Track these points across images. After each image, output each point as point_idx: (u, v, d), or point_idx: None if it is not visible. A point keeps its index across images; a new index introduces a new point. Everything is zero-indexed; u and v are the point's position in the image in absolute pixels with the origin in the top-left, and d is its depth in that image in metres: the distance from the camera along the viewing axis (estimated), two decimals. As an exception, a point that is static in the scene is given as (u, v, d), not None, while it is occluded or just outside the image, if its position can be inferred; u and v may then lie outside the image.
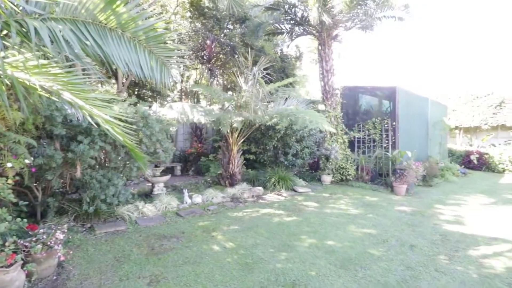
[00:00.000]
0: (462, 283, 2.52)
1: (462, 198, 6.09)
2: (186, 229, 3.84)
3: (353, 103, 8.84)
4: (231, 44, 10.48)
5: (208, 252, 3.11)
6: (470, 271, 2.75)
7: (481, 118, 11.97)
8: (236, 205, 5.19)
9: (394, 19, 8.96)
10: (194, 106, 5.97)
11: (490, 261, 3.00)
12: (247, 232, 3.73)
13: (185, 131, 10.33)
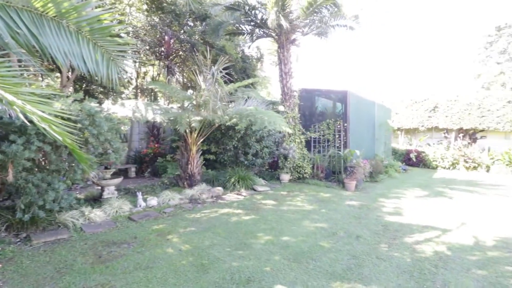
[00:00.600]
0: (397, 267, 2.84)
1: (402, 192, 6.82)
2: (139, 234, 3.65)
3: (310, 105, 9.30)
4: (191, 42, 10.22)
5: (162, 256, 3.00)
6: (405, 256, 3.10)
7: (419, 120, 13.53)
8: (194, 207, 5.09)
9: (346, 28, 9.64)
10: (149, 104, 5.69)
11: (421, 247, 3.41)
12: (204, 233, 3.69)
13: (141, 130, 9.79)
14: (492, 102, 11.75)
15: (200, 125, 6.12)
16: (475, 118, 12.06)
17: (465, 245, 3.46)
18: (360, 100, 9.22)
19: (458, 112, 12.45)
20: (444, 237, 3.74)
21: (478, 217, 4.72)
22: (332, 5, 7.96)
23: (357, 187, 6.86)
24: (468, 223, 4.37)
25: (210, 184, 6.46)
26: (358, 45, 76.50)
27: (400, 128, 14.25)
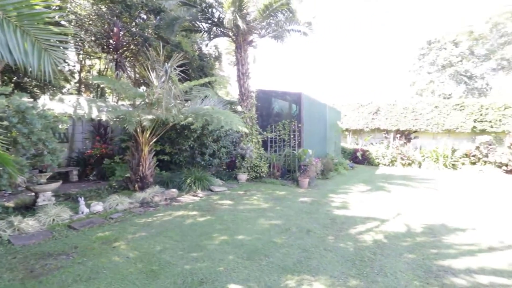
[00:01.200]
0: (342, 256, 3.08)
1: (349, 188, 7.42)
2: (80, 243, 3.33)
3: (267, 106, 9.52)
4: (143, 36, 9.64)
5: (107, 265, 2.79)
6: (349, 246, 3.38)
7: (364, 122, 14.87)
8: (146, 210, 4.82)
9: (300, 33, 10.10)
10: (93, 101, 5.20)
11: (363, 236, 3.76)
12: (155, 238, 3.52)
13: (85, 129, 8.92)
14: (423, 107, 13.48)
15: (152, 124, 5.82)
16: (409, 120, 13.69)
17: (399, 233, 3.92)
18: (313, 102, 9.76)
19: (396, 115, 14.00)
20: (382, 227, 4.18)
21: (410, 207, 5.38)
22: (287, 10, 8.27)
23: (310, 184, 7.26)
24: (402, 213, 4.95)
25: (164, 186, 6.19)
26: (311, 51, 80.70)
27: (348, 129, 15.45)
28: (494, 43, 35.31)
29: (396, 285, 2.51)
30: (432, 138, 13.60)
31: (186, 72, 9.37)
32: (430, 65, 36.63)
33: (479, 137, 11.79)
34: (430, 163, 12.20)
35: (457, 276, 2.69)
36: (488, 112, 12.25)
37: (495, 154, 11.15)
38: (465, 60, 34.46)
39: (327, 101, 12.22)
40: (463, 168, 11.67)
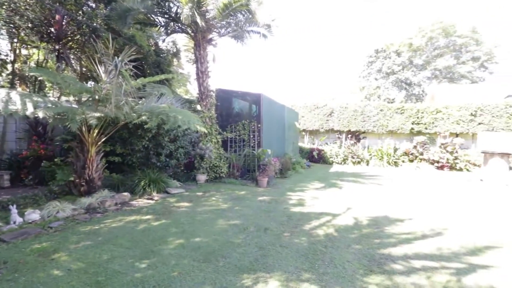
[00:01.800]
0: (296, 252, 3.22)
1: (305, 185, 7.78)
2: (11, 257, 2.92)
3: (227, 106, 9.48)
4: (91, 26, 8.83)
5: (44, 280, 2.49)
6: (303, 242, 3.54)
7: (319, 123, 15.73)
8: (92, 217, 4.43)
9: (260, 35, 10.26)
10: (28, 95, 4.58)
11: (316, 231, 3.97)
12: (102, 246, 3.25)
13: (19, 128, 7.86)
14: (370, 110, 14.75)
15: (100, 122, 5.36)
16: (359, 122, 14.86)
17: (348, 226, 4.23)
18: (272, 103, 10.00)
19: (348, 117, 15.08)
20: (334, 221, 4.47)
21: (359, 202, 5.84)
22: (246, 11, 8.32)
23: (269, 183, 7.42)
24: (352, 207, 5.36)
25: (114, 190, 5.76)
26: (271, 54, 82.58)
27: (305, 130, 16.19)
28: (429, 55, 40.20)
29: (344, 274, 2.71)
30: (378, 138, 14.97)
31: (140, 67, 8.82)
32: (377, 72, 40.20)
33: (416, 137, 13.34)
34: (376, 161, 13.42)
35: (396, 262, 3.00)
36: (423, 115, 13.92)
37: (429, 152, 12.73)
38: (405, 69, 38.60)
39: (286, 103, 12.64)
40: (403, 165, 13.08)
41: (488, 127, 12.64)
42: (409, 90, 38.79)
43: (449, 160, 12.21)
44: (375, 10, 64.99)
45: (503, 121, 12.47)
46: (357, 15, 67.45)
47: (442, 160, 12.25)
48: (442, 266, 2.94)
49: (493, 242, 3.68)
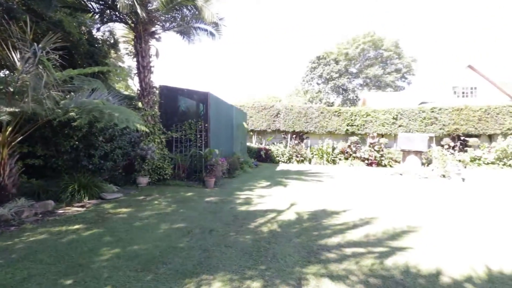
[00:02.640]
0: (241, 250, 3.25)
1: (253, 184, 7.93)
2: None
3: (172, 104, 9.03)
4: (5, 5, 7.40)
5: None
6: (247, 240, 3.60)
7: (267, 124, 16.25)
8: (4, 231, 3.72)
9: (207, 33, 10.08)
10: None
11: (261, 229, 4.08)
12: (16, 265, 2.76)
13: None
14: (312, 112, 15.85)
15: (16, 119, 4.55)
16: (302, 123, 15.82)
17: (290, 221, 4.46)
18: (221, 103, 9.92)
19: (292, 118, 15.92)
20: (278, 217, 4.66)
21: (301, 198, 6.21)
22: (192, 6, 8.08)
23: (216, 183, 7.35)
24: (295, 203, 5.67)
25: (34, 198, 4.95)
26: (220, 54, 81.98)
27: (253, 130, 16.52)
28: (362, 65, 45.15)
29: (285, 267, 2.84)
30: (318, 138, 16.18)
31: (69, 57, 7.77)
32: (318, 77, 43.39)
33: (350, 137, 14.84)
34: (317, 159, 14.49)
35: (331, 251, 3.28)
36: (356, 118, 15.56)
37: (361, 151, 14.30)
38: (342, 76, 42.59)
39: (235, 103, 12.68)
40: (340, 163, 14.41)
41: (406, 129, 14.84)
42: (345, 95, 43.00)
43: (376, 158, 13.93)
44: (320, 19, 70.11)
45: (417, 124, 14.79)
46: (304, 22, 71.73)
47: (371, 158, 13.92)
48: (369, 251, 3.33)
49: (410, 227, 4.32)
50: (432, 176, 9.62)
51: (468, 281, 2.67)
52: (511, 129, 13.90)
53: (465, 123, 14.31)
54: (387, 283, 2.58)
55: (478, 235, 3.99)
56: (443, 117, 14.54)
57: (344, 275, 2.71)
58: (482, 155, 13.52)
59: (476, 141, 14.02)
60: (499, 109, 14.11)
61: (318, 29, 70.10)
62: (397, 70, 42.56)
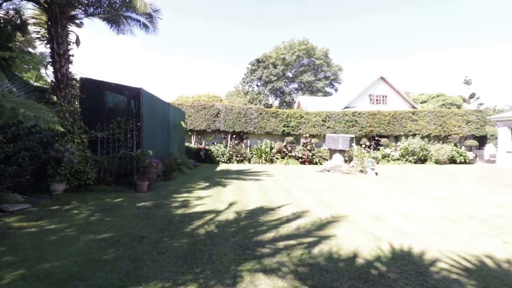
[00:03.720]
0: (175, 256, 3.12)
1: (191, 186, 7.69)
2: None
3: (97, 99, 8.03)
4: None
5: None
6: (183, 244, 3.48)
7: (206, 123, 15.97)
8: None
9: (140, 25, 9.35)
10: None
11: (198, 231, 3.99)
12: None
13: None
14: (252, 113, 16.27)
15: None
16: (242, 123, 16.10)
17: (228, 221, 4.49)
18: (156, 100, 9.29)
19: (232, 118, 16.05)
20: (216, 218, 4.63)
21: (241, 197, 6.32)
22: (122, -7, 7.37)
23: (150, 187, 6.86)
24: (235, 203, 5.73)
25: None
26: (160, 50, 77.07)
27: (192, 130, 16.02)
28: (297, 70, 48.46)
29: (221, 267, 2.85)
30: (257, 138, 16.71)
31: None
32: (258, 79, 44.84)
33: (287, 138, 15.80)
34: (256, 159, 14.95)
35: (265, 247, 3.44)
36: (291, 120, 16.64)
37: (295, 150, 15.35)
38: (280, 79, 44.97)
39: (172, 101, 12.05)
40: (277, 162, 15.19)
41: (333, 130, 16.59)
42: (283, 98, 45.55)
43: (308, 156, 15.18)
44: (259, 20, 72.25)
45: (342, 126, 16.68)
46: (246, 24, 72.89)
47: (304, 156, 15.09)
48: (299, 243, 3.60)
49: (334, 217, 4.84)
50: (353, 172, 11.01)
51: (378, 260, 3.15)
52: (411, 131, 16.96)
53: (378, 126, 16.83)
54: (313, 270, 2.84)
55: (385, 218, 4.75)
56: (361, 120, 16.78)
57: (277, 267, 2.88)
58: (390, 152, 16.12)
59: (386, 141, 16.64)
60: (403, 115, 17.06)
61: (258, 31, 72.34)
62: (326, 78, 47.21)
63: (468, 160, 16.26)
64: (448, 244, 3.64)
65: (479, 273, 2.84)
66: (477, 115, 17.41)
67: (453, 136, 17.09)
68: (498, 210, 5.48)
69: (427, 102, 38.54)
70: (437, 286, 2.57)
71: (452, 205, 5.87)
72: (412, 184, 8.80)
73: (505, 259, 3.19)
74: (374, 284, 2.59)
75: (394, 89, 24.27)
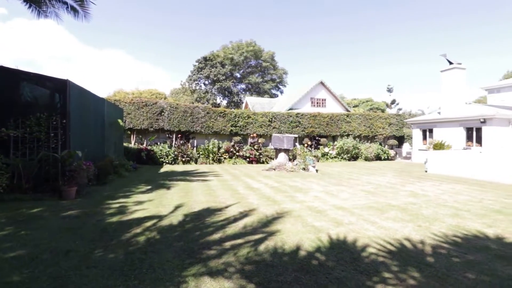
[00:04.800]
0: (109, 268, 2.79)
1: (130, 190, 7.05)
2: None
3: (9, 91, 6.71)
4: None
5: None
6: (119, 254, 3.14)
7: (148, 122, 14.88)
8: None
9: (67, 8, 8.23)
10: None
11: (137, 239, 3.66)
12: None
13: None
14: (198, 112, 15.82)
15: None
16: (188, 123, 15.52)
17: (172, 225, 4.24)
18: (87, 94, 8.23)
19: (178, 117, 15.34)
20: (159, 223, 4.32)
21: (187, 199, 6.04)
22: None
23: (80, 193, 6.05)
24: (181, 205, 5.45)
25: None
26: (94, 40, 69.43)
27: (132, 128, 14.76)
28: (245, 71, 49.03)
29: (163, 275, 2.66)
30: (205, 138, 16.35)
31: None
32: (205, 78, 43.93)
33: (234, 137, 15.84)
34: (203, 159, 14.59)
35: (211, 248, 3.35)
36: (239, 119, 16.74)
37: (243, 150, 15.50)
38: (228, 79, 44.88)
39: (108, 97, 10.85)
40: (225, 162, 15.10)
41: (278, 130, 17.29)
42: (231, 98, 45.57)
43: (256, 155, 15.50)
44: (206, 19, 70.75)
45: (286, 126, 17.51)
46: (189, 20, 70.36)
47: (252, 156, 15.35)
48: (246, 241, 3.62)
49: (279, 213, 5.02)
50: (296, 169, 11.65)
51: (318, 251, 3.36)
52: (346, 132, 18.80)
53: (318, 127, 18.20)
54: (259, 267, 2.88)
55: (324, 211, 5.13)
56: (304, 121, 17.90)
57: (223, 268, 2.83)
58: (328, 151, 17.60)
59: (325, 141, 18.11)
60: (339, 117, 18.80)
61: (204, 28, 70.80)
62: (273, 80, 49.00)
63: (390, 157, 18.84)
64: (376, 231, 4.13)
65: (400, 255, 3.28)
66: (397, 119, 20.30)
67: (379, 136, 19.60)
68: (412, 199, 6.46)
69: (358, 106, 43.38)
70: (368, 269, 2.87)
71: (378, 196, 6.69)
72: (346, 179, 9.75)
73: (419, 240, 3.76)
74: (315, 274, 2.75)
75: (332, 93, 26.58)
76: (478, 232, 4.11)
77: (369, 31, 78.64)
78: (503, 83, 19.62)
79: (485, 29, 68.79)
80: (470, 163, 10.58)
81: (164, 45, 76.49)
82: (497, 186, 8.52)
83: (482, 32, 70.04)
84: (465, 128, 15.25)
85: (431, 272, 2.81)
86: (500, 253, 3.35)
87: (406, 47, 79.36)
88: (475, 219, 4.80)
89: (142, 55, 79.20)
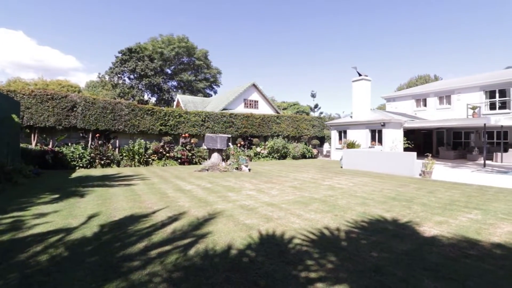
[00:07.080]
0: (-7, 301, 2.21)
1: (28, 201, 5.80)
2: None
3: None
4: None
5: None
6: (11, 279, 2.53)
7: (56, 118, 12.55)
8: None
9: None
10: None
11: (38, 258, 3.03)
12: None
13: None
14: (121, 108, 14.24)
15: None
16: (109, 120, 13.80)
17: (85, 238, 3.66)
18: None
19: (95, 114, 13.46)
20: (67, 238, 3.67)
21: (106, 207, 5.32)
22: None
23: (-52, 208, 4.63)
24: (96, 215, 4.75)
25: None
26: (-30, 6, 55.83)
27: (33, 126, 12.23)
28: (176, 68, 46.63)
29: (71, 299, 2.26)
30: (130, 138, 14.83)
31: None
32: (130, 71, 39.93)
33: (164, 137, 14.87)
34: (127, 161, 13.21)
35: (134, 259, 3.03)
36: (169, 118, 15.81)
37: (174, 150, 14.69)
38: (157, 75, 41.87)
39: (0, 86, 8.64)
40: (153, 164, 14.02)
41: (212, 130, 17.07)
42: (161, 95, 42.65)
43: (188, 156, 14.91)
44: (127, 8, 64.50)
45: (220, 126, 17.43)
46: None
47: (183, 157, 14.69)
48: (174, 247, 3.41)
49: (211, 214, 4.92)
50: (230, 169, 11.72)
51: (248, 248, 3.43)
52: (276, 132, 19.93)
53: (251, 127, 18.77)
54: (188, 272, 2.75)
55: (255, 208, 5.29)
56: (237, 121, 18.18)
57: (147, 280, 2.59)
58: (260, 151, 18.33)
59: (257, 141, 18.80)
60: (270, 118, 19.79)
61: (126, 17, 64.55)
62: (206, 79, 48.13)
63: (313, 155, 20.91)
64: (301, 223, 4.48)
65: (320, 243, 3.63)
66: (319, 121, 22.67)
67: (304, 136, 21.52)
68: (330, 192, 7.29)
69: (287, 109, 46.59)
70: (293, 259, 3.08)
71: (303, 191, 7.31)
72: (276, 176, 10.33)
73: (336, 228, 4.25)
74: (245, 271, 2.79)
75: (264, 96, 27.81)
76: (379, 217, 4.91)
77: (294, 34, 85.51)
78: (396, 94, 24.15)
79: (381, 51, 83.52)
80: (374, 159, 12.64)
81: (78, 31, 66.23)
82: (393, 177, 10.42)
83: (379, 52, 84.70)
84: (370, 130, 18.13)
85: (345, 255, 3.21)
86: (396, 232, 4.08)
87: (329, 59, 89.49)
88: (377, 206, 5.74)
89: (49, 40, 66.62)
